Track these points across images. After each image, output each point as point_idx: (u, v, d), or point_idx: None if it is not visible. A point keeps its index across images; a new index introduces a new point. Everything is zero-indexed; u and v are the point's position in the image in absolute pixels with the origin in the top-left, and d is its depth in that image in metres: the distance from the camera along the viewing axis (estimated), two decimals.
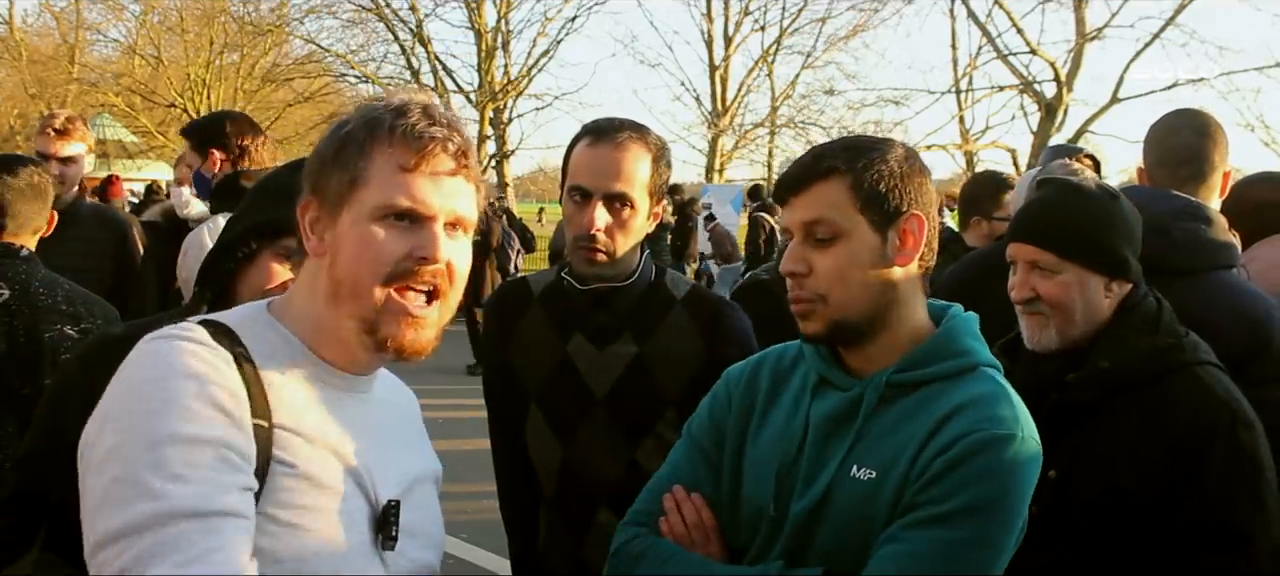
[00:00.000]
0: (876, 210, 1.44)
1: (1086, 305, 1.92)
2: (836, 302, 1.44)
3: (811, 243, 1.45)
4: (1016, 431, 1.36)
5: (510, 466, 2.22)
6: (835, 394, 1.48)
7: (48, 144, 3.56)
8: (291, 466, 1.16)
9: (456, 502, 5.54)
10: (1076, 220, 1.93)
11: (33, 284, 2.50)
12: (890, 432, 1.41)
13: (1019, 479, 1.34)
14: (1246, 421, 1.81)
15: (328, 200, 1.25)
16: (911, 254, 1.46)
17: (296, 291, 1.31)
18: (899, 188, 1.45)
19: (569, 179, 2.02)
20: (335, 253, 1.23)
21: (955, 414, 1.37)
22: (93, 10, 30.35)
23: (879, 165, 1.45)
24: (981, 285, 2.90)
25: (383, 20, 24.61)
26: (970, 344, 1.47)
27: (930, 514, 1.32)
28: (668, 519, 1.53)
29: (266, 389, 1.18)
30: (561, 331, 2.09)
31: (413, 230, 1.23)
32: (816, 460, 1.45)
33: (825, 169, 1.44)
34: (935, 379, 1.43)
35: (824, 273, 1.44)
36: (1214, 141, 2.46)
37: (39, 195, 2.66)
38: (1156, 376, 1.87)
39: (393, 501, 1.26)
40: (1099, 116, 20.12)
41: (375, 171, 1.22)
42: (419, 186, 1.22)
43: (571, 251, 2.01)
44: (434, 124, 1.24)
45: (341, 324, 1.24)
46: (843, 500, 1.40)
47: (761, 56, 24.61)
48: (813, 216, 1.44)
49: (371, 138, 1.23)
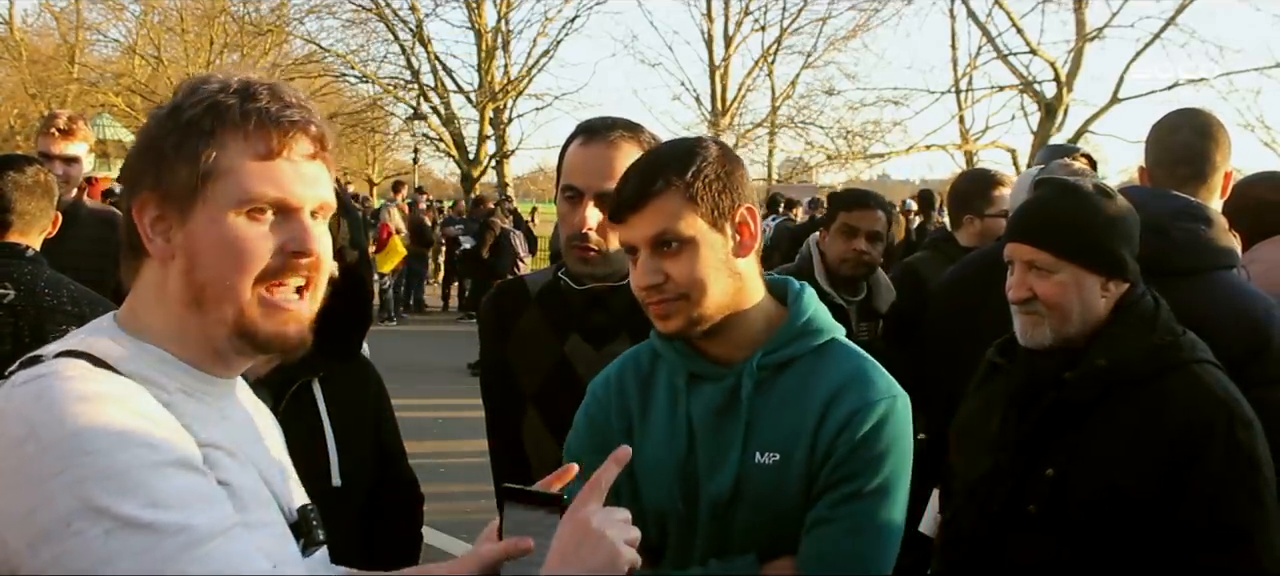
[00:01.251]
0: (713, 211, 1.52)
1: (1083, 305, 1.92)
2: (696, 300, 1.52)
3: (660, 254, 1.51)
4: (894, 393, 1.53)
5: (508, 467, 2.21)
6: (711, 386, 1.57)
7: (52, 144, 3.57)
8: (226, 484, 1.10)
9: (456, 502, 5.54)
10: (1073, 220, 1.93)
11: (38, 284, 2.50)
12: (779, 415, 1.53)
13: (909, 434, 1.53)
14: (1244, 420, 1.81)
15: (173, 197, 1.12)
16: (750, 244, 1.57)
17: (139, 303, 1.18)
18: (727, 186, 1.53)
19: (562, 178, 2.02)
20: (192, 254, 1.12)
21: (838, 394, 1.51)
22: (93, 10, 30.39)
23: (706, 169, 1.52)
24: (982, 285, 2.90)
25: (383, 20, 24.60)
26: (821, 319, 1.59)
27: (850, 490, 1.47)
28: None
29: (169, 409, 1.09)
30: (558, 331, 2.08)
31: (281, 223, 1.13)
32: (713, 451, 1.54)
33: (659, 184, 1.50)
34: (801, 355, 1.56)
35: (680, 277, 1.51)
36: (1215, 141, 2.45)
37: (45, 194, 2.66)
38: (1154, 374, 1.88)
39: (308, 507, 1.23)
40: (1099, 116, 20.14)
41: (230, 162, 1.11)
42: (283, 174, 1.13)
43: (566, 251, 2.01)
44: (288, 106, 1.14)
45: (210, 330, 1.14)
46: (753, 486, 1.51)
47: (761, 56, 24.63)
48: (657, 230, 1.50)
49: (220, 125, 1.12)
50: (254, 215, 1.12)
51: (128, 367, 1.09)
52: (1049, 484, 1.89)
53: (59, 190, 3.43)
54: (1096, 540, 1.84)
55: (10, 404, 1.01)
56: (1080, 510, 1.86)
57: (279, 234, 1.13)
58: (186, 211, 1.12)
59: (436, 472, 5.45)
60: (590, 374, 2.05)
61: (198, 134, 1.12)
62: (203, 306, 1.12)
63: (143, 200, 1.14)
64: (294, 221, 1.14)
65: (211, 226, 1.11)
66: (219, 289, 1.11)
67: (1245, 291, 2.26)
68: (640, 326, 2.06)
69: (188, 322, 1.14)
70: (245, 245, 1.11)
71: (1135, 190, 2.43)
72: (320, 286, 1.18)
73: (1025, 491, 1.92)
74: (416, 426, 2.69)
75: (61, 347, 1.10)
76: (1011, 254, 2.01)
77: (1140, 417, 1.84)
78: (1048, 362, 1.96)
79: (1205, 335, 1.96)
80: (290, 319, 1.15)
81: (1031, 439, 1.94)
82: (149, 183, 1.14)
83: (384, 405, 2.29)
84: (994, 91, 21.43)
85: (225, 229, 1.10)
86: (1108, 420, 1.88)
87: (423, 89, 24.96)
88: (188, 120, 1.13)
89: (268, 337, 1.14)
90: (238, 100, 1.12)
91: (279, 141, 1.12)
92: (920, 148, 22.24)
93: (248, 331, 1.13)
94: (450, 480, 5.58)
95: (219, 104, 1.12)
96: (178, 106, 1.15)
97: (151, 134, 1.16)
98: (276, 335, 1.14)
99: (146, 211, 1.14)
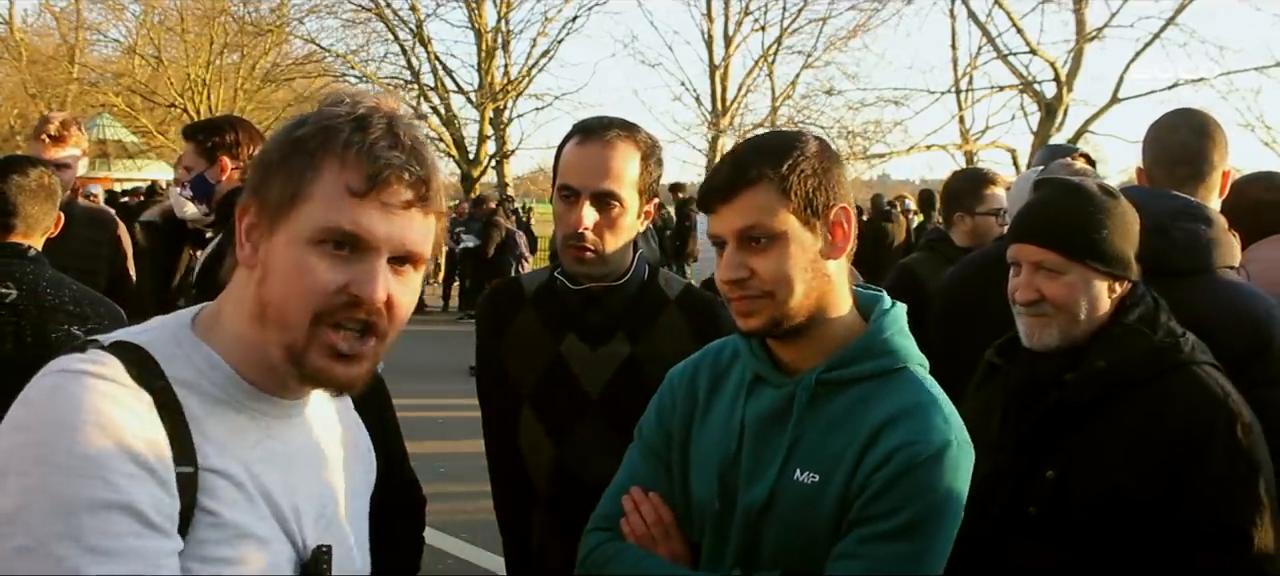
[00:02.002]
0: (806, 208, 1.46)
1: (1090, 305, 1.92)
2: (780, 299, 1.46)
3: (747, 247, 1.46)
4: (949, 438, 1.42)
5: (504, 466, 2.21)
6: (769, 392, 1.53)
7: (43, 150, 3.59)
8: (215, 515, 1.06)
9: (456, 502, 5.54)
10: (1081, 220, 1.92)
11: (40, 284, 2.51)
12: (827, 435, 1.46)
13: (957, 484, 1.42)
14: (1245, 421, 1.81)
15: (268, 208, 1.12)
16: (842, 246, 1.50)
17: (226, 303, 1.18)
18: (823, 183, 1.48)
19: (558, 178, 2.02)
20: (267, 270, 1.11)
21: (889, 424, 1.42)
22: (93, 10, 30.41)
23: (802, 164, 1.46)
24: (982, 286, 2.90)
25: (383, 20, 24.62)
26: (898, 342, 1.51)
27: (880, 530, 1.38)
28: (628, 520, 1.57)
29: (190, 426, 1.07)
30: (554, 331, 2.08)
31: (352, 261, 1.10)
32: (756, 459, 1.50)
33: (752, 175, 1.45)
34: (863, 378, 1.47)
35: (766, 274, 1.45)
36: (1213, 141, 2.45)
37: (49, 196, 2.68)
38: (1154, 376, 1.87)
39: (324, 547, 1.17)
40: (1099, 116, 20.12)
41: (320, 188, 1.09)
42: (365, 214, 1.09)
43: (561, 250, 2.01)
44: (395, 148, 1.11)
45: (269, 349, 1.12)
46: (787, 502, 1.45)
47: (761, 56, 24.60)
48: (746, 223, 1.45)
49: (324, 149, 1.10)
50: (330, 248, 1.09)
51: (173, 370, 1.09)
52: (1049, 486, 1.88)
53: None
54: (1097, 542, 1.84)
55: (38, 385, 1.03)
56: (1081, 512, 1.85)
57: (346, 273, 1.09)
58: (275, 226, 1.11)
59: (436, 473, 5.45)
60: (586, 373, 2.06)
61: (302, 152, 1.11)
62: (263, 323, 1.12)
63: (244, 205, 1.15)
64: (365, 263, 1.10)
65: (288, 248, 1.10)
66: (279, 312, 1.10)
67: (1246, 291, 2.26)
68: (637, 325, 2.06)
69: (250, 335, 1.13)
70: (309, 277, 1.09)
71: (1135, 190, 2.43)
72: (389, 334, 1.14)
73: (1025, 493, 1.91)
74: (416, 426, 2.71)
75: (117, 337, 1.11)
76: (1017, 255, 1.99)
77: (1141, 419, 1.84)
78: (1048, 363, 1.96)
79: (1206, 335, 1.95)
80: (339, 361, 1.11)
81: (1032, 440, 1.94)
82: (252, 189, 1.15)
83: (386, 407, 2.29)
84: (994, 91, 21.42)
85: (298, 255, 1.09)
86: (1108, 422, 1.88)
87: (423, 89, 24.97)
88: (300, 137, 1.12)
89: (314, 372, 1.11)
90: (350, 129, 1.10)
91: (372, 180, 1.09)
92: (921, 148, 22.22)
93: (297, 362, 1.11)
94: (450, 480, 5.57)
95: (331, 127, 1.11)
96: (303, 119, 1.15)
97: (273, 140, 1.16)
98: (323, 371, 1.11)
99: (246, 216, 1.15)
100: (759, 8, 24.34)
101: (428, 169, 1.13)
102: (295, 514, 1.16)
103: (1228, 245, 2.31)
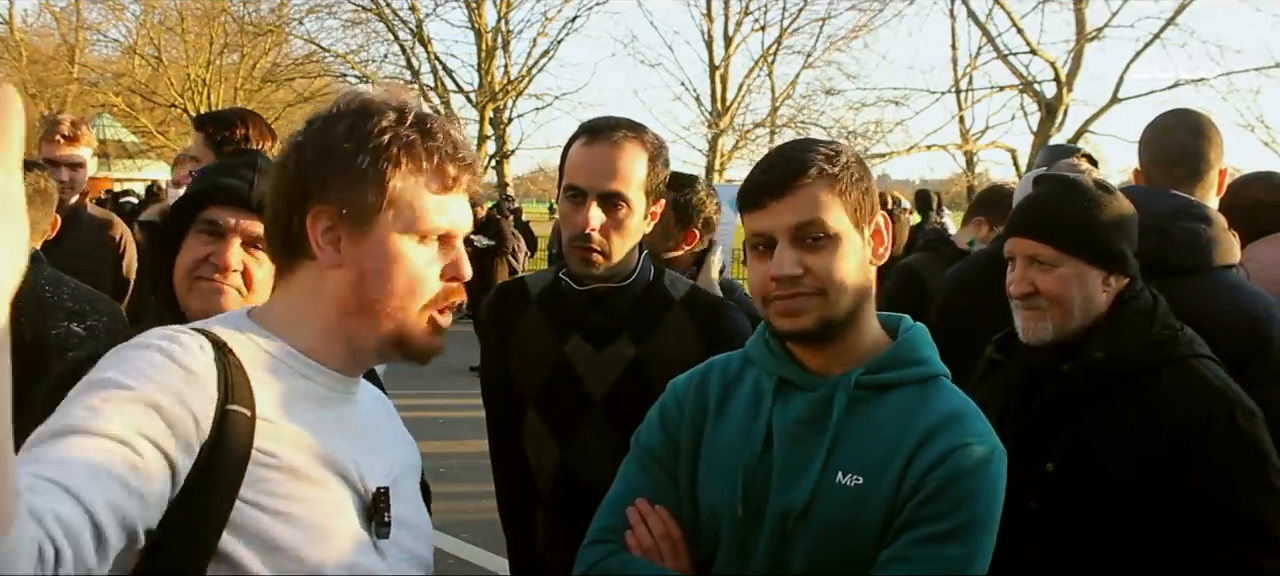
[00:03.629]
0: (855, 211, 1.45)
1: (1084, 299, 1.93)
2: (832, 300, 1.43)
3: (801, 245, 1.42)
4: (995, 445, 1.42)
5: (508, 467, 2.22)
6: (799, 396, 1.48)
7: (56, 149, 3.58)
8: (273, 457, 1.15)
9: (456, 502, 5.54)
10: (1074, 215, 1.94)
11: (38, 282, 2.51)
12: (870, 438, 1.42)
13: (1001, 492, 1.41)
14: (1245, 409, 1.81)
15: (351, 212, 1.22)
16: (881, 255, 1.50)
17: (283, 299, 1.29)
18: (868, 189, 1.48)
19: (565, 178, 2.01)
20: (362, 269, 1.23)
21: (940, 428, 1.40)
22: (93, 10, 30.37)
23: (851, 166, 1.46)
24: (984, 285, 2.91)
25: (383, 20, 24.60)
26: (928, 353, 1.51)
27: (932, 531, 1.36)
28: (634, 533, 1.51)
29: (254, 389, 1.17)
30: (559, 332, 2.08)
31: (444, 250, 1.27)
32: (792, 461, 1.45)
33: (812, 171, 1.42)
34: (901, 384, 1.46)
35: (821, 272, 1.42)
36: (1209, 140, 2.47)
37: (44, 201, 2.68)
38: (1152, 369, 1.88)
39: (382, 487, 1.25)
40: (1099, 116, 20.11)
41: (409, 192, 1.23)
42: (453, 208, 1.27)
43: (568, 251, 2.00)
44: (458, 145, 1.28)
45: (363, 335, 1.25)
46: (829, 506, 1.40)
47: (761, 56, 24.58)
48: (804, 219, 1.41)
49: (407, 156, 1.23)
50: (423, 241, 1.24)
51: (238, 349, 1.19)
52: (1049, 479, 1.89)
53: (64, 193, 3.45)
54: (1097, 534, 1.85)
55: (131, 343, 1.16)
56: (1079, 505, 1.86)
57: (442, 259, 1.26)
58: (364, 229, 1.22)
59: (437, 473, 5.45)
60: (590, 375, 2.06)
61: (386, 159, 1.22)
62: (365, 315, 1.24)
63: (317, 210, 1.23)
64: (455, 249, 1.28)
65: (382, 246, 1.22)
66: (389, 306, 1.23)
67: (1246, 290, 2.27)
68: (642, 327, 2.06)
69: (340, 325, 1.25)
70: (420, 272, 1.24)
71: (1135, 190, 2.44)
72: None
73: (1025, 487, 1.91)
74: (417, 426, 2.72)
75: (197, 326, 1.21)
76: (1013, 249, 2.01)
77: (1139, 413, 1.85)
78: (1045, 357, 1.97)
79: (1205, 333, 1.96)
80: (443, 339, 1.29)
81: (1030, 433, 1.95)
82: (326, 195, 1.23)
83: None
84: (994, 91, 21.41)
85: (400, 252, 1.23)
86: (1105, 415, 1.88)
87: (423, 89, 24.92)
88: (375, 145, 1.22)
89: (421, 350, 1.27)
90: (419, 136, 1.24)
91: (454, 179, 1.26)
92: (921, 148, 22.21)
93: (405, 343, 1.26)
94: (450, 480, 5.58)
95: (402, 136, 1.23)
96: (365, 133, 1.23)
97: (329, 149, 1.24)
98: (430, 349, 1.28)
99: (320, 221, 1.23)
100: (759, 8, 24.32)
101: (473, 153, 1.32)
102: (357, 466, 1.23)
103: (1227, 244, 2.32)
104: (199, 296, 1.67)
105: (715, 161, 23.51)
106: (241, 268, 1.70)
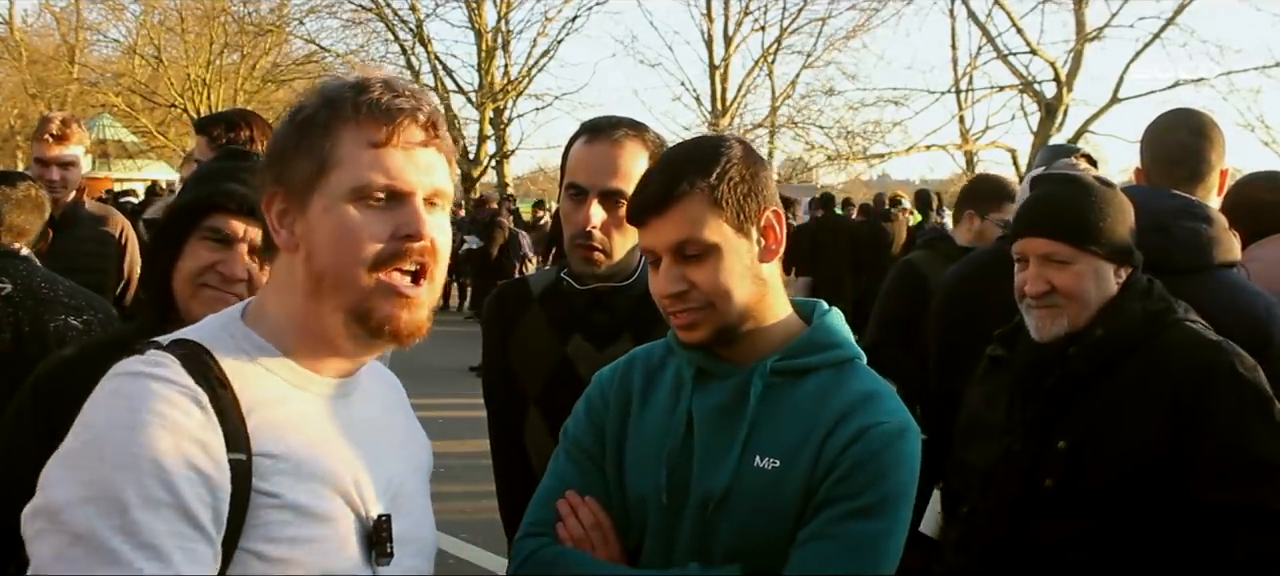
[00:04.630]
0: (738, 216, 1.46)
1: (1099, 294, 1.96)
2: (722, 309, 1.46)
3: (683, 261, 1.45)
4: (908, 423, 1.45)
5: (509, 467, 2.21)
6: (718, 384, 1.51)
7: (46, 149, 3.57)
8: (275, 497, 1.10)
9: (456, 502, 5.54)
10: (1084, 210, 1.96)
11: (34, 278, 2.54)
12: (786, 421, 1.46)
13: (916, 467, 1.44)
14: (1246, 360, 1.85)
15: (294, 190, 1.18)
16: (775, 250, 1.51)
17: (269, 292, 1.24)
18: (753, 188, 1.48)
19: (566, 177, 2.02)
20: (310, 244, 1.17)
21: (854, 408, 1.43)
22: (93, 10, 30.41)
23: (731, 171, 1.46)
24: (985, 284, 2.91)
25: (383, 20, 24.61)
26: (843, 337, 1.54)
27: (850, 508, 1.38)
28: (565, 524, 1.53)
29: (245, 415, 1.11)
30: (561, 332, 2.08)
31: (393, 208, 1.16)
32: (711, 449, 1.48)
33: (683, 188, 1.44)
34: (818, 368, 1.49)
35: (705, 285, 1.45)
36: (1210, 141, 2.48)
37: (35, 209, 2.72)
38: (1150, 335, 1.92)
39: (384, 515, 1.20)
40: (1099, 116, 20.14)
41: (344, 152, 1.16)
42: (394, 161, 1.16)
43: (569, 250, 2.01)
44: (399, 95, 1.18)
45: (326, 319, 1.17)
46: (747, 489, 1.43)
47: (761, 56, 24.61)
48: (680, 237, 1.44)
49: (335, 117, 1.17)
50: (367, 202, 1.15)
51: (227, 359, 1.14)
52: (1063, 456, 1.91)
53: (58, 193, 3.45)
54: (1116, 505, 1.86)
55: (102, 388, 1.09)
56: (1095, 475, 1.88)
57: (392, 220, 1.16)
58: (307, 202, 1.17)
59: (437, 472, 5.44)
60: (592, 374, 2.05)
61: (314, 127, 1.17)
62: (321, 294, 1.16)
63: (269, 196, 1.20)
64: (406, 207, 1.17)
65: (326, 215, 1.15)
66: (336, 276, 1.15)
67: (1246, 289, 2.28)
68: (644, 327, 2.06)
69: (308, 312, 1.18)
70: (359, 231, 1.14)
71: (1136, 189, 2.44)
72: (437, 276, 1.20)
73: (1040, 469, 1.94)
74: None
75: (177, 337, 1.16)
76: (1024, 249, 2.01)
77: (1141, 375, 1.88)
78: (1054, 345, 1.99)
79: None
80: (403, 305, 1.17)
81: (1040, 417, 1.97)
82: (279, 178, 1.19)
83: None
84: (994, 91, 21.42)
85: (340, 216, 1.15)
86: (1112, 385, 1.91)
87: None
88: (307, 116, 1.18)
89: (380, 321, 1.16)
90: (352, 93, 1.17)
91: (389, 129, 1.16)
92: (920, 148, 22.23)
93: (363, 315, 1.16)
94: (451, 480, 5.57)
95: (335, 98, 1.18)
96: (301, 105, 1.21)
97: (276, 136, 1.22)
98: (390, 318, 1.16)
99: (274, 205, 1.20)
100: (759, 8, 24.37)
101: (434, 108, 1.20)
102: (357, 487, 1.18)
103: (1228, 243, 2.33)
104: (203, 303, 1.67)
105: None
106: (247, 276, 1.70)
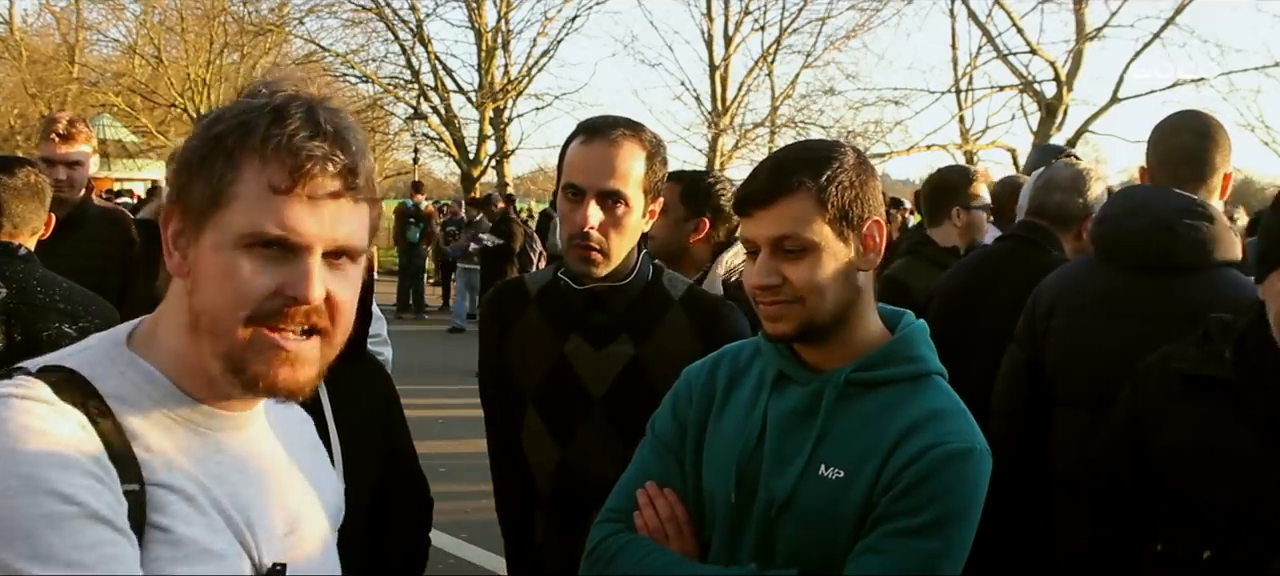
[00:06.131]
0: (841, 220, 1.49)
1: None
2: (811, 306, 1.48)
3: (781, 255, 1.48)
4: (977, 443, 1.45)
5: (506, 467, 2.21)
6: (795, 389, 1.54)
7: (53, 149, 3.57)
8: (168, 532, 1.02)
9: (456, 502, 5.54)
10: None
11: (31, 282, 2.51)
12: (855, 433, 1.47)
13: (981, 489, 1.44)
14: None
15: (191, 212, 1.06)
16: (873, 259, 1.53)
17: (162, 316, 1.13)
18: (859, 195, 1.50)
19: (563, 177, 2.01)
20: (196, 278, 1.06)
21: (919, 426, 1.44)
22: (93, 10, 30.36)
23: (840, 176, 1.49)
24: (984, 285, 2.91)
25: (383, 20, 24.56)
26: (923, 351, 1.55)
27: (906, 525, 1.39)
28: (641, 514, 1.58)
29: (131, 444, 1.02)
30: (558, 332, 2.08)
31: (283, 262, 1.04)
32: (780, 454, 1.50)
33: (791, 184, 1.47)
34: (892, 381, 1.50)
35: (798, 282, 1.48)
36: (1215, 143, 2.50)
37: (36, 196, 2.66)
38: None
39: (278, 565, 1.11)
40: (1099, 116, 20.10)
41: (243, 188, 1.03)
42: (292, 212, 1.03)
43: (566, 250, 2.00)
44: (316, 137, 1.04)
45: (205, 361, 1.06)
46: (810, 497, 1.46)
47: (761, 56, 24.56)
48: (782, 232, 1.47)
49: (242, 147, 1.04)
50: (256, 250, 1.03)
51: (108, 387, 1.05)
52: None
53: (63, 192, 3.44)
54: None
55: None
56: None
57: (280, 275, 1.04)
58: (200, 231, 1.06)
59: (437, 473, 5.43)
60: (589, 374, 2.05)
61: (221, 151, 1.04)
62: (197, 334, 1.06)
63: (169, 210, 1.09)
64: (297, 263, 1.04)
65: (215, 255, 1.04)
66: (212, 321, 1.04)
67: (1246, 286, 2.29)
68: (641, 326, 2.06)
69: (186, 347, 1.08)
70: (238, 282, 1.03)
71: (1141, 189, 2.49)
72: (336, 335, 1.09)
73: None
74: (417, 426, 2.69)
75: (45, 362, 1.06)
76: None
77: None
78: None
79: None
80: (284, 360, 1.05)
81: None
82: (176, 192, 1.08)
83: (393, 406, 2.28)
84: (994, 91, 21.38)
85: (225, 260, 1.03)
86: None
87: (423, 89, 24.93)
88: (216, 134, 1.05)
89: (255, 376, 1.05)
90: (266, 123, 1.04)
91: (295, 175, 1.02)
92: (921, 148, 22.19)
93: (237, 367, 1.05)
94: (451, 480, 5.57)
95: (247, 122, 1.04)
96: (219, 116, 1.08)
97: (187, 144, 1.09)
98: (265, 378, 1.05)
99: (171, 223, 1.09)
100: (759, 8, 24.31)
101: (354, 156, 1.06)
102: (251, 529, 1.10)
103: (1229, 242, 2.37)
104: None
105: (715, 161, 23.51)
106: None
